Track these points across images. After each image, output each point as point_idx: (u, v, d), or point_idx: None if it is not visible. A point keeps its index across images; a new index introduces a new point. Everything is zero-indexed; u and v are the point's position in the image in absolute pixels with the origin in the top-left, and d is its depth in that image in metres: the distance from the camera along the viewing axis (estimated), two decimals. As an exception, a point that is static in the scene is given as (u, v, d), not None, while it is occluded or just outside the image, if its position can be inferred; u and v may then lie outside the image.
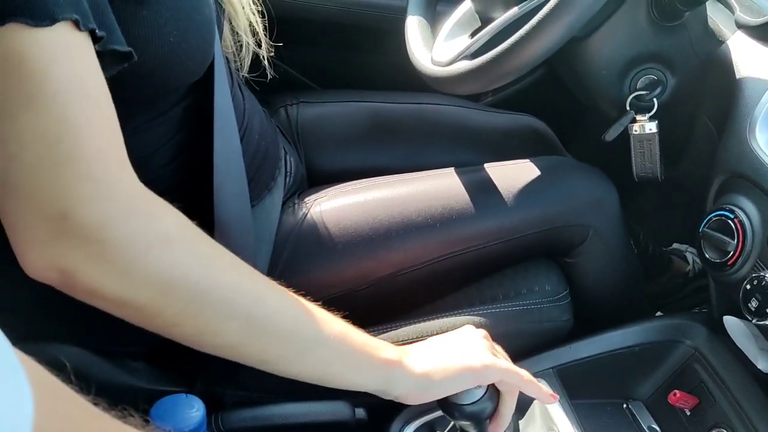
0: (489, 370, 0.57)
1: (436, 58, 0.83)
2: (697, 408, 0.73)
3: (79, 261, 0.44)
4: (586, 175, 0.86)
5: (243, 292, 0.49)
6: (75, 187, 0.43)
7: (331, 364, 0.54)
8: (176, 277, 0.46)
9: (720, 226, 0.68)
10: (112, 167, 0.45)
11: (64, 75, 0.43)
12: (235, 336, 0.49)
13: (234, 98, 0.72)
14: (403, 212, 0.78)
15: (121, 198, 0.45)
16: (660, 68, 0.79)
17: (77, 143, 0.43)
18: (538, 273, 0.83)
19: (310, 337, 0.52)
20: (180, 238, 0.48)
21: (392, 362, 0.56)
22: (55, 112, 0.43)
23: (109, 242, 0.44)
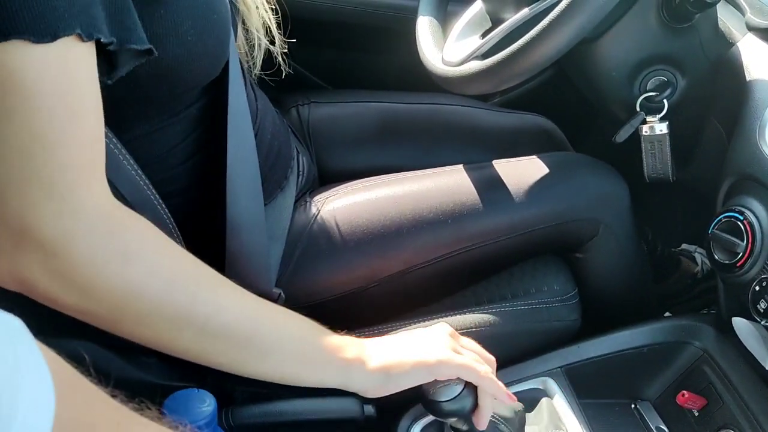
0: (442, 366, 0.59)
1: (446, 59, 0.83)
2: (705, 409, 0.73)
3: (39, 274, 0.46)
4: (596, 170, 0.86)
5: (200, 304, 0.51)
6: (39, 204, 0.44)
7: (288, 366, 0.56)
8: (132, 293, 0.48)
9: (729, 228, 0.69)
10: (79, 185, 0.46)
11: (50, 90, 0.44)
12: (191, 343, 0.52)
13: (247, 97, 0.73)
14: (414, 209, 0.79)
15: (84, 216, 0.46)
16: (670, 70, 0.79)
17: (48, 161, 0.44)
18: (547, 272, 0.84)
19: (266, 343, 0.54)
20: (138, 255, 0.49)
21: (350, 360, 0.58)
22: (33, 127, 0.44)
23: (68, 258, 0.45)
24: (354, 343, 0.60)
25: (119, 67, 0.50)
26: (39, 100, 0.44)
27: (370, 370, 0.59)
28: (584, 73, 0.85)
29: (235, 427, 0.67)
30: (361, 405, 0.71)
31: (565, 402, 0.71)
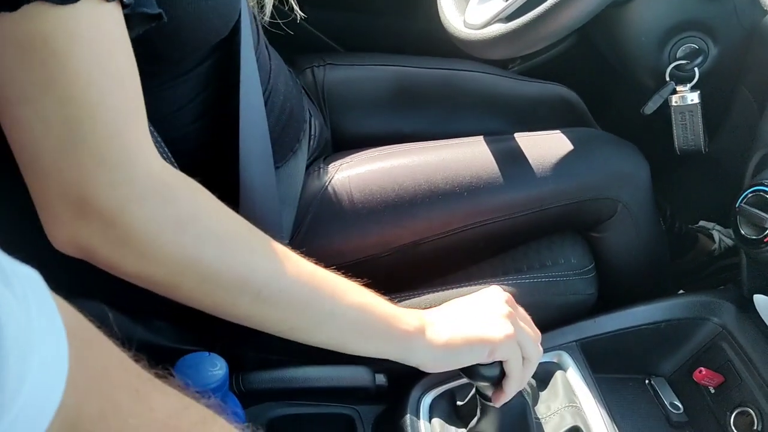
0: (506, 346, 0.56)
1: (469, 21, 0.80)
2: (722, 386, 0.72)
3: (98, 241, 0.46)
4: (617, 148, 0.84)
5: (255, 271, 0.50)
6: (93, 172, 0.44)
7: (348, 334, 0.54)
8: (188, 259, 0.48)
9: (758, 202, 0.67)
10: (130, 150, 0.46)
11: (86, 55, 0.43)
12: (249, 309, 0.51)
13: (260, 57, 0.71)
14: (430, 179, 0.77)
15: (137, 182, 0.46)
16: (702, 37, 0.76)
17: (96, 127, 0.44)
18: (564, 245, 0.82)
19: (325, 309, 0.52)
20: (192, 221, 0.48)
21: (411, 333, 0.56)
22: (76, 94, 0.43)
23: (125, 226, 0.46)
24: (416, 315, 0.57)
25: (133, 29, 0.49)
26: (76, 66, 0.43)
27: (432, 344, 0.56)
28: (612, 38, 0.82)
29: (246, 392, 0.66)
30: (373, 374, 0.70)
31: (580, 376, 0.71)
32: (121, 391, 0.33)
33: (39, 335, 0.27)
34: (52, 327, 0.29)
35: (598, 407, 0.67)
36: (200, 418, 0.37)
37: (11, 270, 0.27)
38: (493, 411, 0.60)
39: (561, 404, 0.69)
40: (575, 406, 0.68)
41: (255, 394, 0.67)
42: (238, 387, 0.67)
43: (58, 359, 0.29)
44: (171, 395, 0.36)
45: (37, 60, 0.42)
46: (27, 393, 0.26)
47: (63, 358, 0.29)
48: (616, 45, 0.82)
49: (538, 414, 0.67)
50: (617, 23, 0.78)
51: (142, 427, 0.33)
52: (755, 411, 0.68)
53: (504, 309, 0.59)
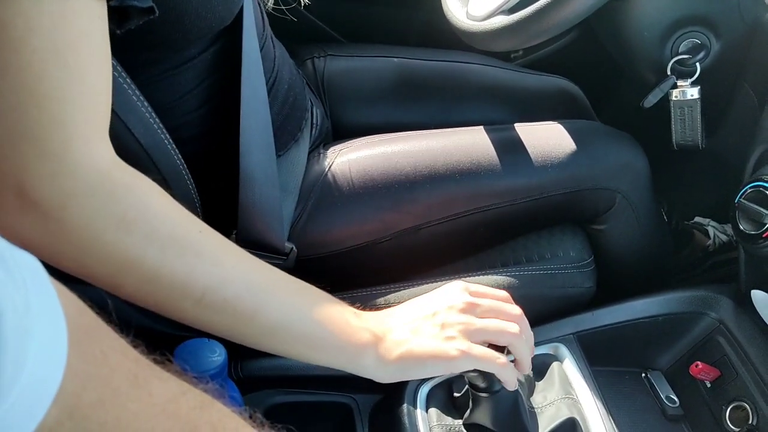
0: (462, 361, 0.55)
1: (471, 13, 0.80)
2: (719, 380, 0.73)
3: (37, 234, 0.44)
4: (616, 139, 0.84)
5: (198, 277, 0.48)
6: (34, 163, 0.43)
7: (296, 346, 0.53)
8: (129, 259, 0.46)
9: (757, 198, 0.67)
10: (75, 143, 0.44)
11: (43, 45, 0.42)
12: (193, 314, 0.49)
13: (265, 46, 0.71)
14: (430, 165, 0.77)
15: (80, 177, 0.44)
16: (704, 32, 0.76)
17: (41, 117, 0.42)
18: (564, 238, 0.82)
19: (271, 321, 0.51)
20: (138, 221, 0.46)
21: (363, 348, 0.54)
22: (25, 82, 0.42)
23: (64, 221, 0.44)
24: (369, 328, 0.56)
25: (129, 20, 0.48)
26: (30, 54, 0.41)
27: (384, 359, 0.55)
28: (614, 32, 0.82)
29: (244, 379, 0.67)
30: (371, 363, 0.71)
31: (576, 368, 0.71)
32: (119, 376, 0.33)
33: (38, 322, 0.27)
34: (51, 313, 0.29)
35: (594, 399, 0.67)
36: (198, 402, 0.37)
37: (10, 256, 0.27)
38: (486, 402, 0.60)
39: (557, 395, 0.69)
40: (572, 398, 0.68)
41: (253, 381, 0.67)
42: (236, 374, 0.67)
43: (57, 345, 0.29)
44: (169, 380, 0.36)
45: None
46: (25, 379, 0.26)
47: (62, 345, 0.29)
48: (619, 38, 0.82)
49: (534, 404, 0.68)
50: (620, 16, 0.78)
51: (140, 412, 0.33)
52: (750, 405, 0.69)
53: (458, 317, 0.57)
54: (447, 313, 0.57)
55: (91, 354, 0.31)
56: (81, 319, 0.32)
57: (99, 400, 0.31)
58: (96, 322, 0.33)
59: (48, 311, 0.28)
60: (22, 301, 0.26)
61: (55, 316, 0.29)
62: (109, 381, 0.32)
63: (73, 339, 0.29)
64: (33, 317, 0.27)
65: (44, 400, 0.28)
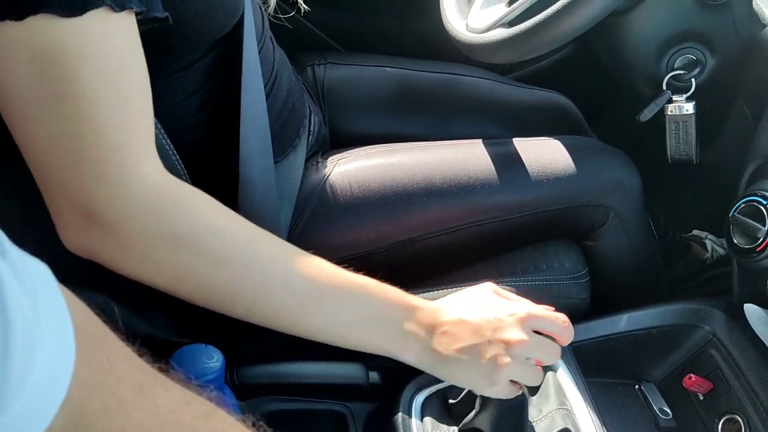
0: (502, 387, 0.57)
1: (471, 25, 0.81)
2: (711, 393, 0.73)
3: (102, 249, 0.49)
4: (609, 157, 0.85)
5: (247, 285, 0.51)
6: (94, 186, 0.46)
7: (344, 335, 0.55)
8: (181, 274, 0.50)
9: (751, 212, 0.67)
10: (130, 166, 0.47)
11: (94, 72, 0.44)
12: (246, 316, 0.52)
13: (264, 50, 0.72)
14: (427, 177, 0.78)
15: (134, 198, 0.47)
16: (700, 48, 0.77)
17: (98, 143, 0.45)
18: (559, 250, 0.83)
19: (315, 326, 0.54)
20: (188, 238, 0.49)
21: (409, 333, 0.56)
22: (82, 112, 0.44)
23: (124, 237, 0.48)
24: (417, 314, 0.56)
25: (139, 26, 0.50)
26: (83, 83, 0.44)
27: (428, 349, 0.56)
28: (611, 46, 0.83)
29: (240, 386, 0.67)
30: (366, 371, 0.71)
31: (571, 379, 0.71)
32: (125, 385, 0.33)
33: (46, 329, 0.27)
34: (59, 321, 0.29)
35: (588, 411, 0.67)
36: (202, 411, 0.37)
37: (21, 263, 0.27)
38: (492, 405, 0.61)
39: (552, 407, 0.69)
40: (566, 409, 0.68)
41: (249, 388, 0.67)
42: (232, 380, 0.67)
43: (64, 354, 0.29)
44: (174, 389, 0.36)
45: (47, 75, 0.43)
46: (32, 386, 0.26)
47: (70, 353, 0.29)
48: (616, 53, 0.83)
49: (529, 417, 0.68)
50: (617, 32, 0.79)
51: (145, 421, 0.33)
52: (743, 418, 0.69)
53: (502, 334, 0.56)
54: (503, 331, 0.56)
55: (98, 362, 0.31)
56: (88, 327, 0.32)
57: (104, 409, 0.31)
58: (103, 330, 0.33)
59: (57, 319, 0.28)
60: (32, 309, 0.26)
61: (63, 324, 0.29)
62: (115, 390, 0.32)
63: (81, 347, 0.29)
64: (42, 325, 0.27)
65: (50, 408, 0.28)
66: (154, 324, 0.67)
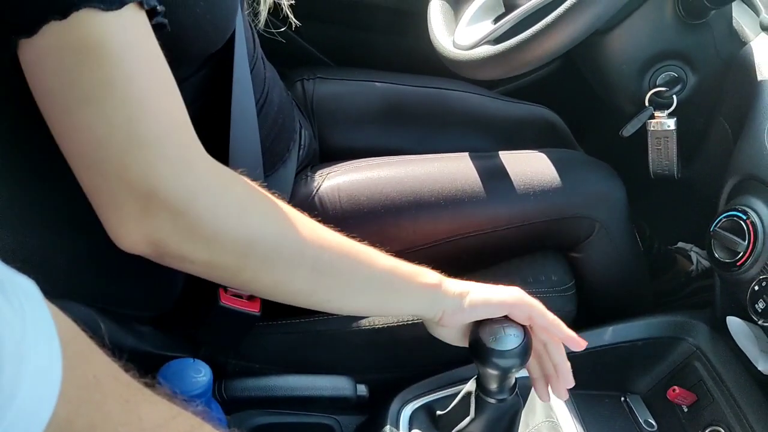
0: (519, 303, 0.61)
1: (458, 42, 0.82)
2: (695, 405, 0.74)
3: (169, 233, 0.48)
4: (595, 169, 0.86)
5: (308, 244, 0.53)
6: (159, 166, 0.46)
7: (385, 295, 0.59)
8: (253, 238, 0.50)
9: (731, 227, 0.69)
10: (187, 144, 0.49)
11: (138, 57, 0.46)
12: (304, 282, 0.54)
13: (255, 67, 0.72)
14: (415, 190, 0.78)
15: (199, 173, 0.48)
16: (681, 66, 0.79)
17: (154, 124, 0.46)
18: (545, 263, 0.84)
19: (366, 274, 0.57)
20: (252, 203, 0.52)
21: (432, 285, 0.60)
22: (135, 95, 0.45)
23: (194, 214, 0.48)
24: (432, 272, 0.61)
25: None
26: (130, 68, 0.45)
27: (450, 293, 0.60)
28: (594, 64, 0.84)
29: (228, 400, 0.67)
30: (354, 384, 0.71)
31: (556, 393, 0.72)
32: (111, 401, 0.33)
33: (34, 346, 0.27)
34: (46, 339, 0.29)
35: (574, 423, 0.68)
36: (188, 426, 0.37)
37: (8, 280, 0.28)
38: (489, 410, 0.61)
39: (539, 419, 0.70)
40: (552, 422, 0.69)
41: (237, 401, 0.67)
42: (220, 394, 0.67)
43: (51, 371, 0.29)
44: (159, 404, 0.36)
45: (96, 63, 0.44)
46: (19, 404, 0.26)
47: (56, 370, 0.29)
48: (599, 70, 0.85)
49: (517, 430, 0.68)
50: (600, 50, 0.81)
51: None
52: (726, 430, 0.70)
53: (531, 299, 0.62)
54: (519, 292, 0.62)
55: (84, 379, 0.32)
56: (75, 344, 0.33)
57: (91, 425, 0.31)
58: (89, 346, 0.34)
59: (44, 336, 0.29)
60: (19, 327, 0.27)
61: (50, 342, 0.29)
62: (101, 406, 0.32)
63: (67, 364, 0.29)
64: (29, 342, 0.27)
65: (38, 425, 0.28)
66: (142, 338, 0.67)
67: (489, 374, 0.60)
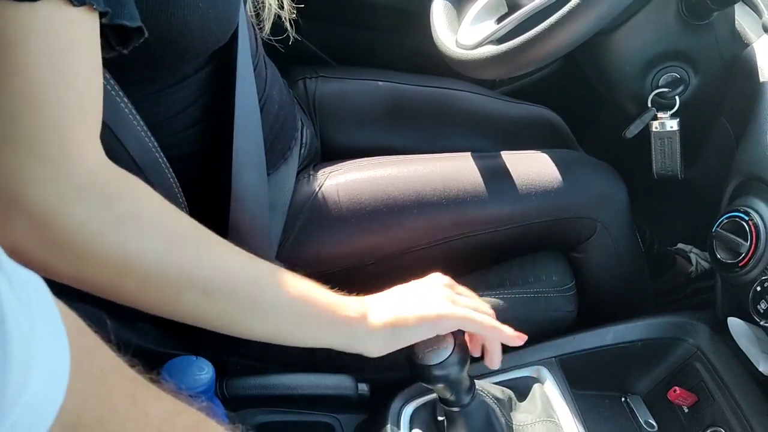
0: (444, 320, 0.59)
1: (461, 41, 0.82)
2: (696, 406, 0.74)
3: (31, 243, 0.44)
4: (597, 170, 0.86)
5: (201, 266, 0.49)
6: (27, 167, 0.42)
7: (289, 325, 0.55)
8: (131, 258, 0.46)
9: (733, 228, 0.69)
10: (70, 146, 0.44)
11: (37, 50, 0.42)
12: (193, 306, 0.50)
13: (257, 66, 0.72)
14: (417, 190, 0.78)
15: (76, 180, 0.44)
16: (683, 66, 0.79)
17: (36, 122, 0.43)
18: (546, 263, 0.84)
19: (267, 302, 0.53)
20: (134, 219, 0.47)
21: (354, 319, 0.57)
22: (19, 86, 0.42)
23: (62, 227, 0.44)
24: (355, 301, 0.59)
25: (130, 40, 0.49)
26: (25, 59, 0.42)
27: (374, 327, 0.57)
28: (597, 65, 0.84)
29: (229, 398, 0.67)
30: (355, 383, 0.71)
31: (558, 391, 0.72)
32: (118, 396, 0.33)
33: (42, 341, 0.27)
34: (54, 334, 0.29)
35: (575, 423, 0.68)
36: (193, 422, 0.37)
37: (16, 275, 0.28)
38: (459, 418, 0.61)
39: (539, 417, 0.70)
40: (553, 421, 0.69)
41: (238, 399, 0.67)
42: (221, 392, 0.67)
43: (59, 365, 0.29)
44: (165, 400, 0.37)
45: None
46: (27, 399, 0.26)
47: (65, 365, 0.29)
48: (602, 71, 0.85)
49: (516, 421, 0.68)
50: (603, 50, 0.81)
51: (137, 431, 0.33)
52: (727, 431, 0.70)
53: (442, 290, 0.61)
54: (431, 287, 0.62)
55: (91, 374, 0.32)
56: (82, 338, 0.33)
57: (98, 419, 0.31)
58: (96, 341, 0.34)
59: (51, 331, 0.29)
60: (28, 322, 0.27)
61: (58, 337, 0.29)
62: (108, 400, 0.32)
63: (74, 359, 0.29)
64: (37, 337, 0.27)
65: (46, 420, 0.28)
66: (145, 336, 0.67)
67: (438, 388, 0.60)
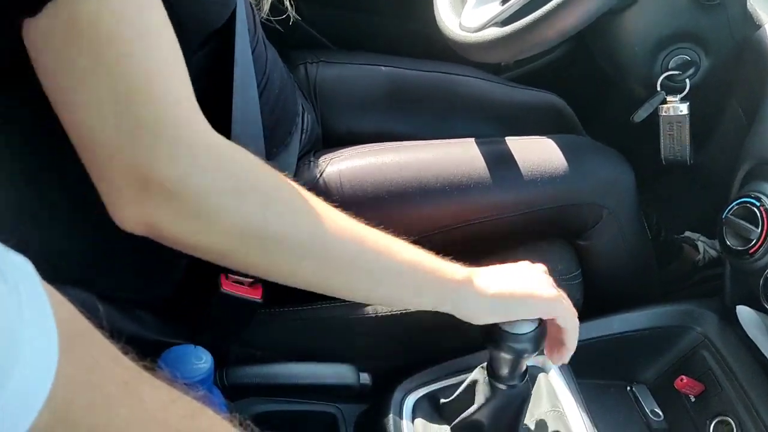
0: (549, 303, 0.59)
1: (465, 24, 0.80)
2: (703, 395, 0.73)
3: (164, 216, 0.47)
4: (603, 155, 0.85)
5: (318, 235, 0.51)
6: (152, 147, 0.45)
7: (403, 289, 0.56)
8: (251, 227, 0.48)
9: (744, 214, 0.67)
10: (185, 123, 0.47)
11: (134, 33, 0.44)
12: (311, 275, 0.52)
13: (257, 48, 0.71)
14: (420, 177, 0.77)
15: (196, 154, 0.46)
16: (694, 48, 0.77)
17: (149, 104, 0.45)
18: (552, 252, 0.83)
19: (383, 268, 0.54)
20: (252, 190, 0.49)
21: (461, 282, 0.57)
22: (128, 74, 0.44)
23: (188, 198, 0.46)
24: (463, 267, 0.58)
25: None
26: (125, 44, 0.44)
27: (481, 294, 0.57)
28: (606, 46, 0.83)
29: (229, 387, 0.66)
30: (357, 372, 0.70)
31: (563, 381, 0.71)
32: (110, 383, 0.33)
33: (29, 326, 0.27)
34: (42, 318, 0.29)
35: (580, 412, 0.67)
36: (188, 411, 0.37)
37: (3, 259, 0.27)
38: (499, 396, 0.61)
39: (544, 408, 0.69)
40: (558, 411, 0.68)
41: (239, 388, 0.67)
42: (221, 381, 0.66)
43: (47, 350, 0.28)
44: (159, 388, 0.36)
45: (85, 41, 0.43)
46: (15, 383, 0.26)
47: (53, 351, 0.29)
48: (610, 52, 0.83)
49: (522, 418, 0.68)
50: (613, 31, 0.79)
51: (131, 417, 0.33)
52: (735, 420, 0.69)
53: (547, 277, 0.61)
54: (537, 271, 0.62)
55: (82, 360, 0.31)
56: (73, 324, 0.32)
57: (90, 405, 0.31)
58: (87, 327, 0.33)
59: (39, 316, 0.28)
60: (15, 306, 0.26)
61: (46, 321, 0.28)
62: (101, 386, 0.32)
63: (65, 345, 0.29)
64: (24, 321, 0.27)
65: (33, 406, 0.28)
66: (143, 324, 0.66)
67: (501, 358, 0.59)
